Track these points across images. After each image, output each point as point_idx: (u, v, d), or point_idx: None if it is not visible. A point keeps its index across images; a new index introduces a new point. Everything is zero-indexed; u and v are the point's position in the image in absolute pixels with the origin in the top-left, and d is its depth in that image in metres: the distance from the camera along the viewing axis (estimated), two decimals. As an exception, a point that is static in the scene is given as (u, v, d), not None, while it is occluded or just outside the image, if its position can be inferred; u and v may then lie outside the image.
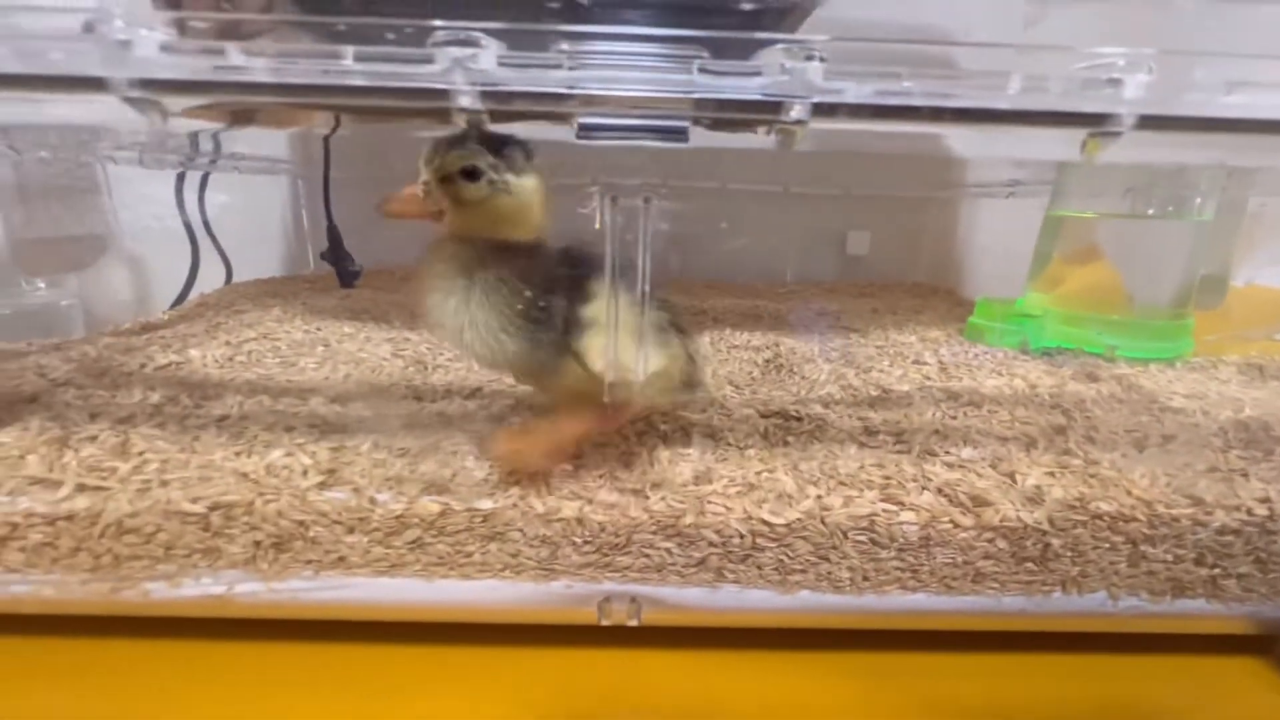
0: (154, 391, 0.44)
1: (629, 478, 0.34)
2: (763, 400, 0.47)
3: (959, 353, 0.61)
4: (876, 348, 0.62)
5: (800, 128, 0.23)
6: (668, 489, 0.33)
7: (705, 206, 1.01)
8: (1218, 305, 0.63)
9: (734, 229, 1.07)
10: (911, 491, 0.33)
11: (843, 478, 0.35)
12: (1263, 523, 0.32)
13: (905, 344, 0.64)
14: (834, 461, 0.37)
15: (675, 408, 0.40)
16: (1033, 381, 0.51)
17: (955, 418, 0.44)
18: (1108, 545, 0.32)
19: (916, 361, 0.57)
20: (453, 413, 0.43)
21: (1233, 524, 0.32)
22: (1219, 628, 0.34)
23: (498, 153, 0.31)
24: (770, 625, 0.34)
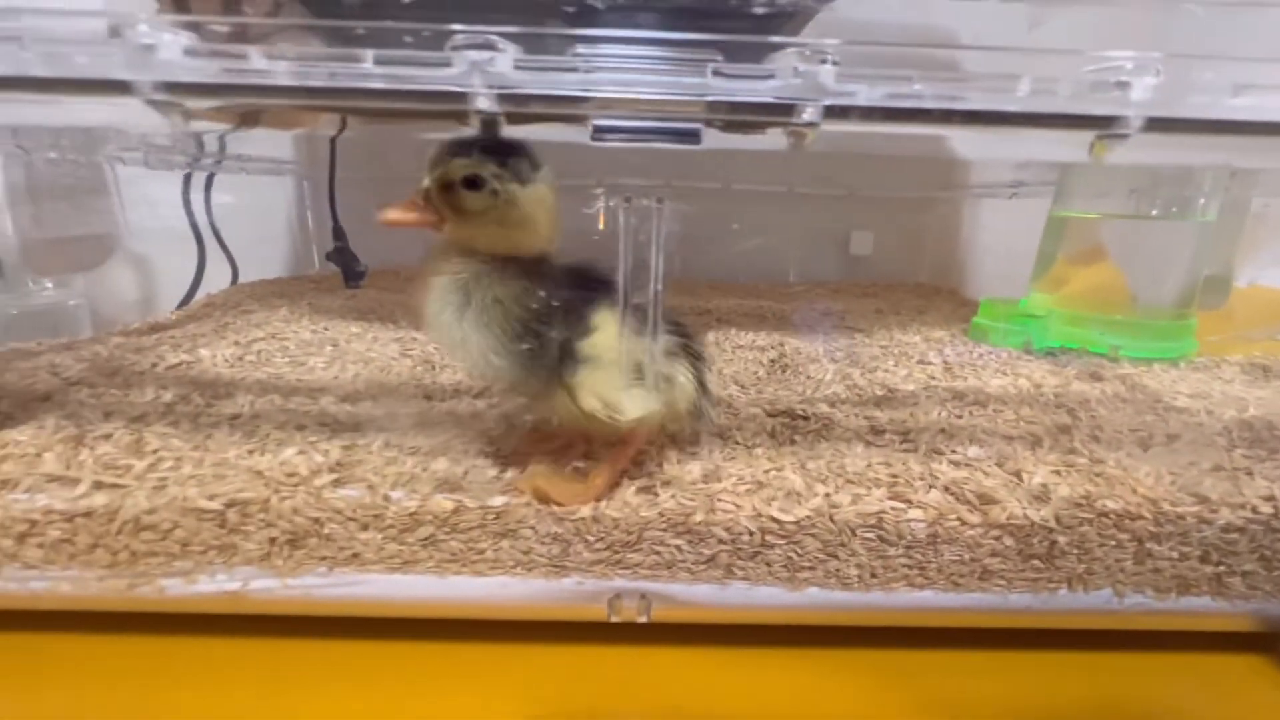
0: (166, 390, 0.45)
1: (639, 475, 0.35)
2: (769, 399, 0.47)
3: (963, 352, 0.61)
4: (881, 348, 0.63)
5: (811, 130, 0.24)
6: (677, 487, 0.34)
7: (708, 207, 1.02)
8: (1221, 306, 0.63)
9: (738, 229, 1.08)
10: (919, 490, 0.34)
11: (850, 476, 0.35)
12: (1268, 520, 0.32)
13: (910, 344, 0.65)
14: (841, 460, 0.37)
15: (679, 437, 0.39)
16: (1037, 381, 0.52)
17: (961, 417, 0.44)
18: (1114, 543, 0.32)
19: (921, 361, 0.58)
20: (463, 411, 0.43)
21: (1238, 521, 0.32)
22: (1223, 625, 0.34)
23: (503, 161, 0.29)
24: (778, 622, 0.34)
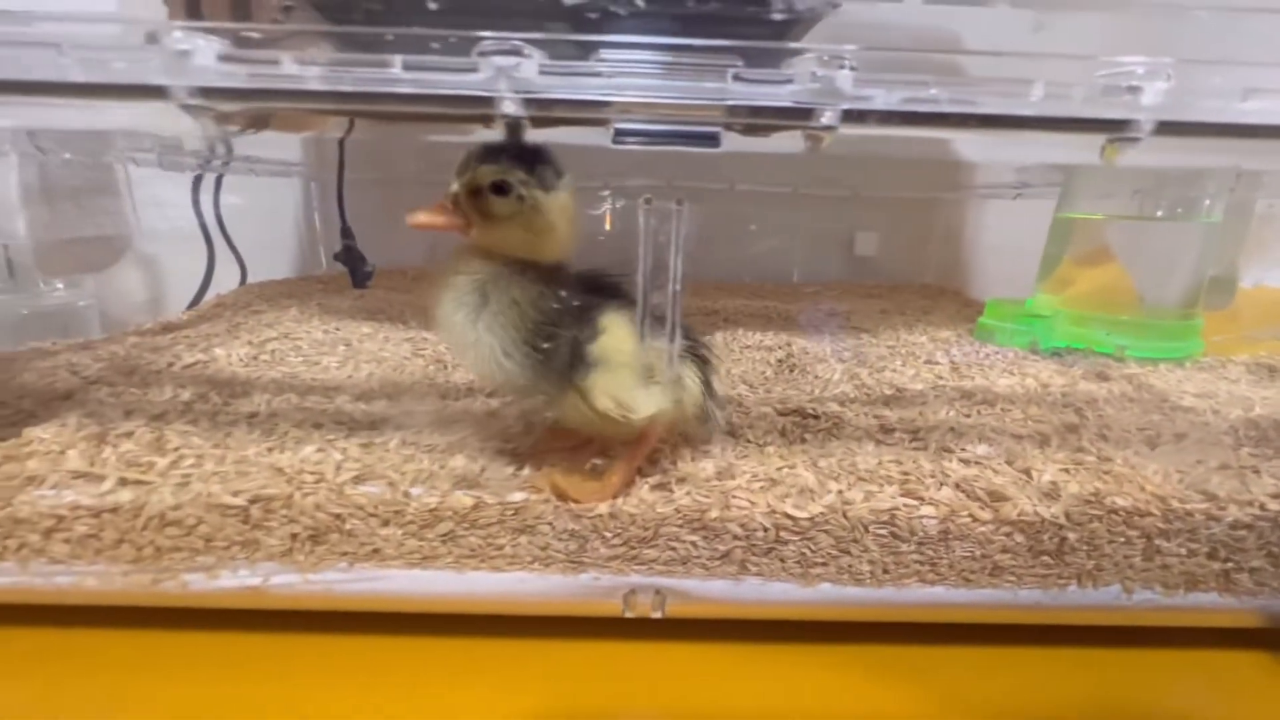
0: (184, 389, 0.45)
1: (654, 472, 0.35)
2: (779, 398, 0.48)
3: (970, 352, 0.61)
4: (888, 348, 0.63)
5: (829, 133, 0.24)
6: (692, 484, 0.34)
7: (712, 207, 1.02)
8: (1226, 306, 0.63)
9: (743, 230, 1.08)
10: (930, 487, 0.34)
11: (862, 473, 0.36)
12: (1275, 517, 0.33)
13: (916, 344, 0.65)
14: (852, 458, 0.38)
15: (691, 436, 0.39)
16: (1044, 381, 0.52)
17: (969, 416, 0.45)
18: (1123, 539, 0.33)
19: (928, 361, 0.58)
20: (477, 410, 0.44)
21: (1245, 519, 0.33)
22: (1231, 621, 0.35)
23: (530, 168, 0.30)
24: (791, 617, 0.34)
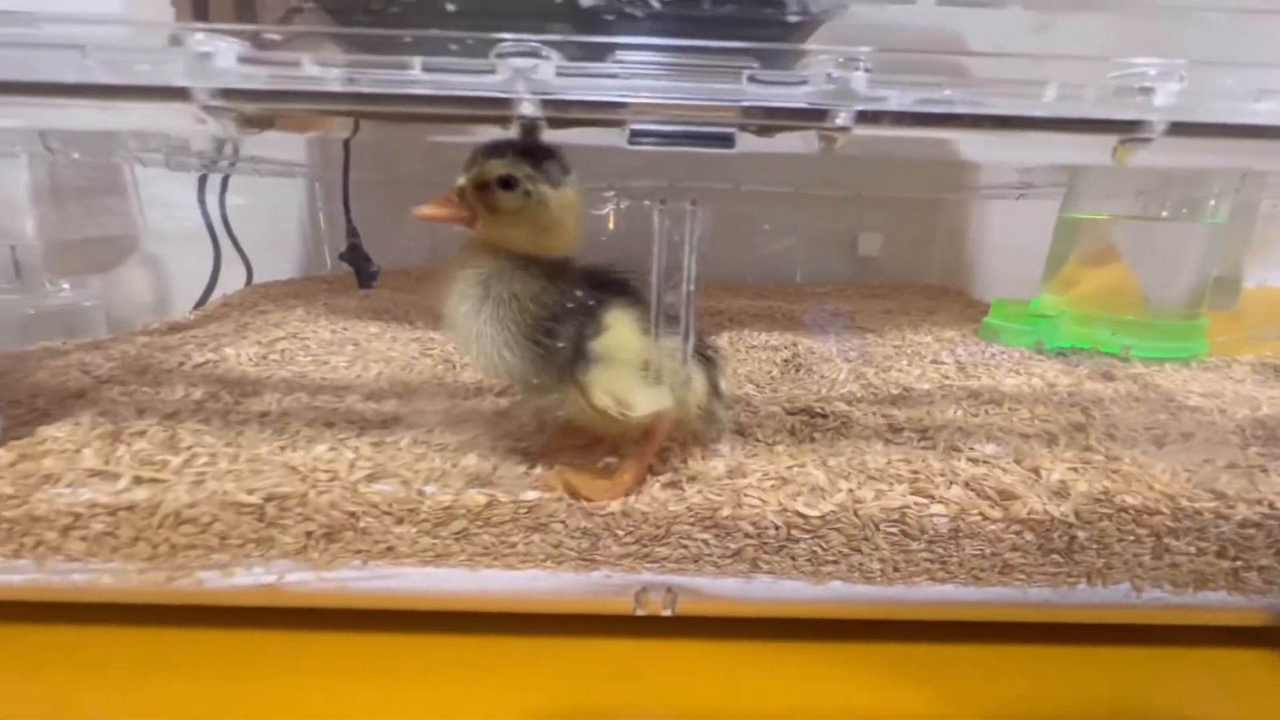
0: (195, 388, 0.45)
1: (664, 471, 0.36)
2: (786, 398, 0.48)
3: (975, 352, 0.61)
4: (894, 347, 0.63)
5: (843, 134, 0.24)
6: (703, 482, 0.34)
7: (716, 208, 1.02)
8: (1231, 306, 0.63)
9: (747, 230, 1.08)
10: (940, 485, 0.34)
11: (871, 472, 0.36)
12: (1283, 516, 0.33)
13: (921, 344, 0.65)
14: (862, 457, 0.38)
15: (693, 439, 0.40)
16: (1050, 380, 0.52)
17: (976, 415, 0.45)
18: (1132, 538, 0.33)
19: (934, 361, 0.58)
20: (487, 409, 0.44)
21: (1254, 517, 0.33)
22: (1239, 620, 0.35)
23: (537, 164, 0.30)
24: (801, 616, 0.35)
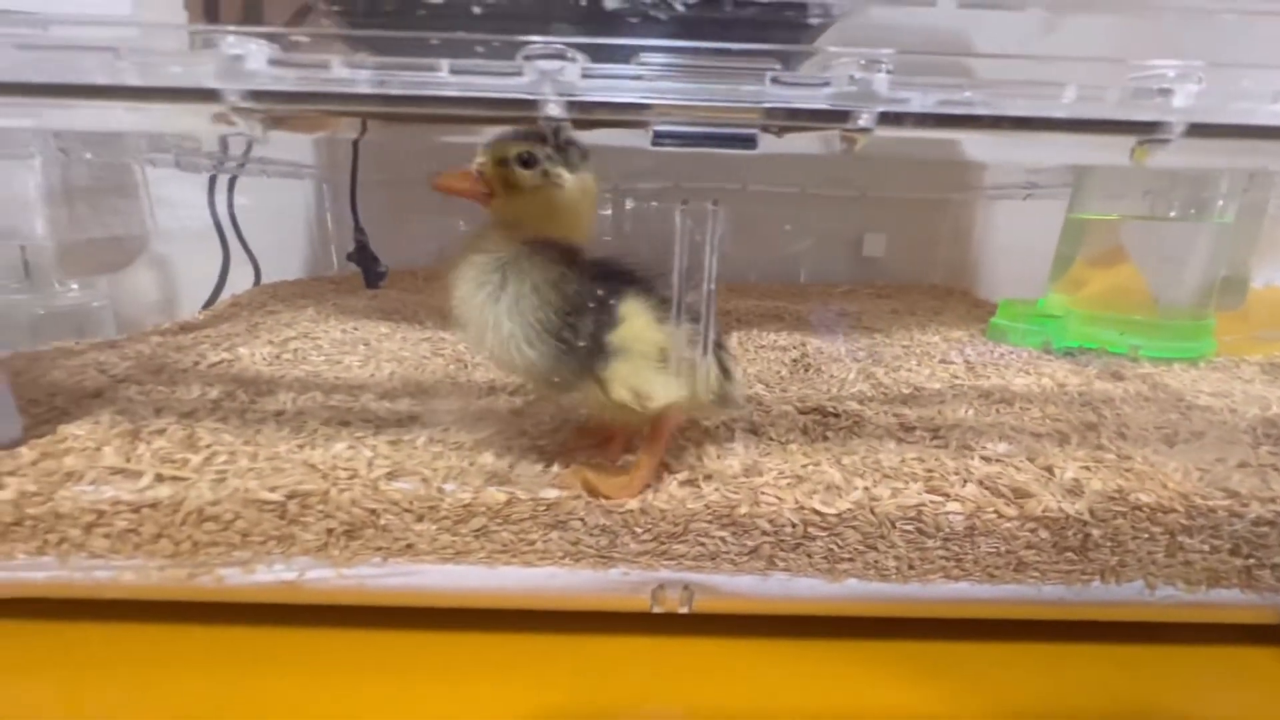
0: (211, 387, 0.46)
1: (680, 469, 0.36)
2: (797, 397, 0.48)
3: (984, 352, 0.62)
4: (903, 347, 0.63)
5: (864, 135, 0.25)
6: (720, 480, 0.35)
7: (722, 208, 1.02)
8: (1238, 307, 0.64)
9: (752, 231, 1.09)
10: (954, 484, 0.35)
11: (886, 470, 0.36)
12: (1296, 515, 0.33)
13: (929, 344, 0.65)
14: (875, 455, 0.38)
15: (708, 419, 0.40)
16: (1060, 380, 0.53)
17: (988, 414, 0.45)
18: (1146, 536, 0.33)
19: (943, 361, 0.59)
20: (501, 408, 0.44)
21: (1268, 515, 0.33)
22: (1252, 617, 0.35)
23: (557, 147, 0.31)
24: (816, 613, 0.35)
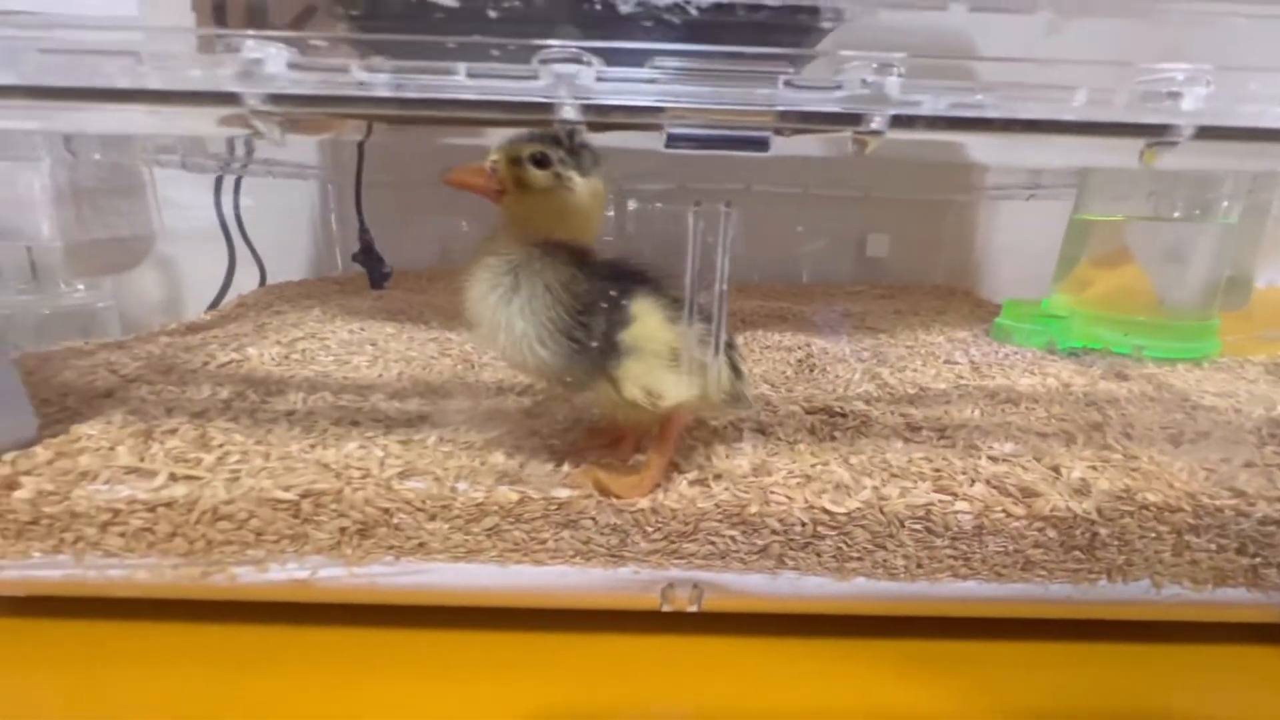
0: (221, 387, 0.46)
1: (690, 469, 0.36)
2: (804, 397, 0.48)
3: (988, 352, 0.62)
4: (907, 348, 0.64)
5: (875, 137, 0.25)
6: (729, 480, 0.35)
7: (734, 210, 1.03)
8: (1242, 307, 0.64)
9: (755, 231, 1.09)
10: (962, 483, 0.35)
11: (894, 470, 0.36)
12: (1302, 514, 0.33)
13: (934, 344, 0.66)
14: (883, 455, 0.38)
15: (717, 419, 0.41)
16: (1065, 380, 0.53)
17: (994, 414, 0.45)
18: (1153, 535, 0.33)
19: (948, 361, 0.59)
20: (510, 408, 0.45)
21: (1274, 514, 0.33)
22: (1259, 616, 0.35)
23: (570, 149, 0.32)
24: (824, 612, 0.35)
